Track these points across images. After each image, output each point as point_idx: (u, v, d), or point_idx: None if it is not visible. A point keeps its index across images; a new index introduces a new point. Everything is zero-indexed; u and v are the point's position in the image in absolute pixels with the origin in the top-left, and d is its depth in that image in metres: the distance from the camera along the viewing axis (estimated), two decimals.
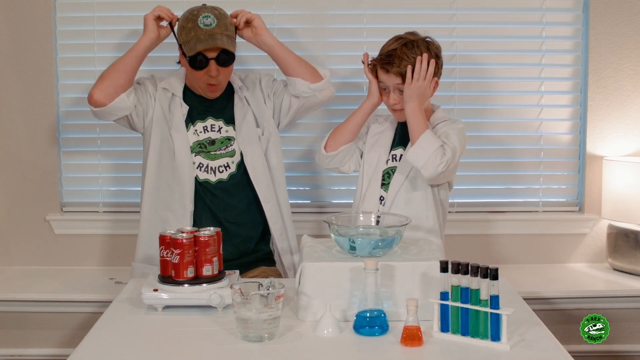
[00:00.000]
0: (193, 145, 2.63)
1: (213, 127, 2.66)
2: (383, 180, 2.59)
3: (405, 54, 2.46)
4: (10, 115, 3.21)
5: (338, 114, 3.21)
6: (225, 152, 2.65)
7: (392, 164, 2.59)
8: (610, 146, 3.22)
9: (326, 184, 3.25)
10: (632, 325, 2.98)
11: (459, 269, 1.86)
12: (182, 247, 2.10)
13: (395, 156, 2.60)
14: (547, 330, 1.97)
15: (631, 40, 3.18)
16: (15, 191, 3.24)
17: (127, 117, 2.63)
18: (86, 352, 1.87)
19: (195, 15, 2.54)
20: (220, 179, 2.63)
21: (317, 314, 1.98)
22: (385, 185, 2.58)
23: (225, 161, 2.64)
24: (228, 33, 2.56)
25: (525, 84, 3.24)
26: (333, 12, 3.22)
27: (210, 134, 2.65)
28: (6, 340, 2.99)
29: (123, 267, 3.22)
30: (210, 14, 2.54)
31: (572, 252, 3.29)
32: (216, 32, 2.52)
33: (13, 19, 3.15)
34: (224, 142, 2.65)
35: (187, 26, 2.54)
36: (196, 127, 2.65)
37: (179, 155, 2.60)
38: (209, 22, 2.53)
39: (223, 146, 2.65)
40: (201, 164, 2.62)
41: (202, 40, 2.51)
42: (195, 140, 2.64)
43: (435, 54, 2.51)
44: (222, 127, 2.66)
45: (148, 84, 2.68)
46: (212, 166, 2.63)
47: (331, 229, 2.10)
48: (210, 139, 2.65)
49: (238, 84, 2.71)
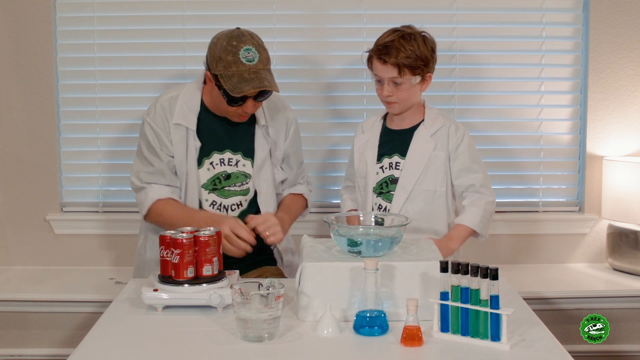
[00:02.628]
0: (207, 182, 2.54)
1: (230, 160, 2.56)
2: (381, 190, 2.59)
3: (403, 45, 2.47)
4: (10, 115, 3.21)
5: (338, 114, 3.21)
6: (239, 189, 2.56)
7: (383, 175, 2.59)
8: (610, 146, 3.22)
9: (326, 184, 3.25)
10: (632, 325, 2.98)
11: (459, 269, 1.86)
12: (182, 247, 2.10)
13: (384, 167, 2.60)
14: (547, 330, 1.97)
15: (631, 40, 3.18)
16: (15, 191, 3.24)
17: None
18: (86, 352, 1.87)
19: (235, 47, 2.36)
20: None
21: (317, 314, 1.98)
22: (384, 194, 2.58)
23: (239, 200, 2.57)
24: (269, 67, 2.42)
25: (525, 84, 3.24)
26: (333, 12, 3.22)
27: (227, 168, 2.55)
28: (6, 340, 2.99)
29: (123, 267, 3.22)
30: (252, 47, 2.37)
31: (572, 252, 3.29)
32: (259, 68, 2.37)
33: (13, 19, 3.15)
34: (239, 178, 2.56)
35: (227, 59, 2.35)
36: (212, 159, 2.54)
37: (190, 192, 2.53)
38: (251, 56, 2.36)
39: (238, 182, 2.56)
40: (214, 201, 2.55)
41: (248, 80, 2.34)
42: (209, 177, 2.54)
43: (431, 49, 2.52)
44: (239, 161, 2.56)
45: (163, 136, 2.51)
46: (225, 204, 2.56)
47: (331, 229, 2.10)
48: (226, 173, 2.55)
49: (262, 122, 2.58)
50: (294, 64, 3.22)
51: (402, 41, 2.48)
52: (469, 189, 2.57)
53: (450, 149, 2.56)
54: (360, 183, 2.65)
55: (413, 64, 2.48)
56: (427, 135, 2.57)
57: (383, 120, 2.68)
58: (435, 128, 2.58)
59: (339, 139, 3.25)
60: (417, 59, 2.48)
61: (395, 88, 2.51)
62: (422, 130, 2.58)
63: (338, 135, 3.25)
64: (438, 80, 3.20)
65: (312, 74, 3.23)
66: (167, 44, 3.21)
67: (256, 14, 3.18)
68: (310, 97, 3.23)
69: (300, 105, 3.15)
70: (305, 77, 3.24)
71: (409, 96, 2.53)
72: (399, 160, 2.58)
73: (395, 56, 2.47)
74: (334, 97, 3.23)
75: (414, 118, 2.61)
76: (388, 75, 2.50)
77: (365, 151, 2.64)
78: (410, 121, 2.61)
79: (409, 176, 2.55)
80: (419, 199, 2.55)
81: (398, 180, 2.56)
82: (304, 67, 3.23)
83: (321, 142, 3.23)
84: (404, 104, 2.55)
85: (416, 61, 2.48)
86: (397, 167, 2.58)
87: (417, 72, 2.50)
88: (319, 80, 3.23)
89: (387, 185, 2.58)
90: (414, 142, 2.58)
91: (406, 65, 2.47)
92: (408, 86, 2.51)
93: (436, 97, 3.19)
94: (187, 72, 3.18)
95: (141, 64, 3.22)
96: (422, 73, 2.51)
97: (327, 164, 3.25)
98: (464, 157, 2.57)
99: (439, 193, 2.57)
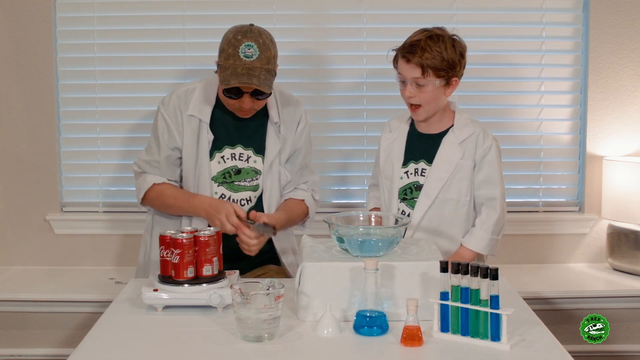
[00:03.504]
0: (217, 175, 2.54)
1: (242, 155, 2.56)
2: (405, 195, 2.55)
3: (429, 45, 2.41)
4: (10, 115, 3.21)
5: (339, 114, 3.22)
6: (249, 185, 2.56)
7: (408, 180, 2.55)
8: (610, 146, 3.22)
9: (327, 184, 3.25)
10: (632, 325, 2.98)
11: (459, 269, 1.86)
12: (182, 247, 2.10)
13: (409, 172, 2.55)
14: (547, 330, 1.97)
15: (631, 40, 3.18)
16: (15, 191, 3.24)
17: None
18: (86, 352, 1.87)
19: (238, 41, 2.36)
20: None
21: (317, 314, 1.97)
22: (408, 200, 2.54)
23: (248, 195, 2.57)
24: (269, 67, 2.39)
25: (525, 84, 3.24)
26: (333, 12, 3.22)
27: (237, 163, 2.55)
28: (6, 340, 2.99)
29: (123, 267, 3.22)
30: (254, 44, 2.36)
31: (572, 252, 3.29)
32: (256, 66, 2.35)
33: (13, 19, 3.15)
34: (249, 174, 2.56)
35: (228, 51, 2.37)
36: (223, 153, 2.54)
37: (202, 185, 2.53)
38: (251, 53, 2.35)
39: (249, 177, 2.56)
40: (223, 195, 2.55)
41: (238, 74, 2.34)
42: (220, 171, 2.54)
43: (459, 53, 2.47)
44: (250, 157, 2.56)
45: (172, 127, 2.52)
46: (234, 198, 2.55)
47: (331, 229, 2.10)
48: (237, 168, 2.55)
49: (274, 119, 2.56)
50: (294, 64, 3.21)
51: (429, 41, 2.42)
52: (488, 203, 2.52)
53: (477, 158, 2.51)
54: (384, 184, 2.60)
55: (438, 66, 2.42)
56: (456, 142, 2.51)
57: (411, 121, 2.61)
58: (464, 136, 2.52)
59: (338, 139, 3.25)
60: (442, 60, 2.42)
61: (418, 90, 2.45)
62: (451, 137, 2.52)
63: (338, 135, 3.25)
64: None
65: (312, 74, 3.23)
66: (167, 44, 3.21)
67: (256, 14, 3.18)
68: (310, 97, 3.22)
69: None
70: (305, 77, 3.24)
71: (431, 99, 2.46)
72: (425, 167, 2.53)
73: (420, 56, 2.41)
74: (334, 97, 3.23)
75: (442, 123, 2.55)
76: (411, 75, 2.45)
77: (392, 152, 2.59)
78: (439, 126, 2.55)
79: (433, 184, 2.50)
80: (442, 207, 2.50)
81: (422, 188, 2.52)
82: (304, 67, 3.23)
83: (321, 142, 3.23)
84: (428, 107, 2.48)
85: (441, 63, 2.42)
86: (422, 173, 2.53)
87: (442, 74, 2.43)
88: (319, 80, 3.23)
89: (411, 192, 2.54)
90: (441, 149, 2.52)
91: (430, 66, 2.41)
92: (431, 88, 2.44)
93: None
94: (187, 72, 3.18)
95: (141, 64, 3.22)
96: (446, 76, 2.44)
97: (327, 164, 3.25)
98: (490, 169, 2.51)
99: (463, 202, 2.51)
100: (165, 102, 2.57)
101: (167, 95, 2.59)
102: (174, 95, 2.56)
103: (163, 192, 2.54)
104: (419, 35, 2.45)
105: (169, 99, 2.56)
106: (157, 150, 2.55)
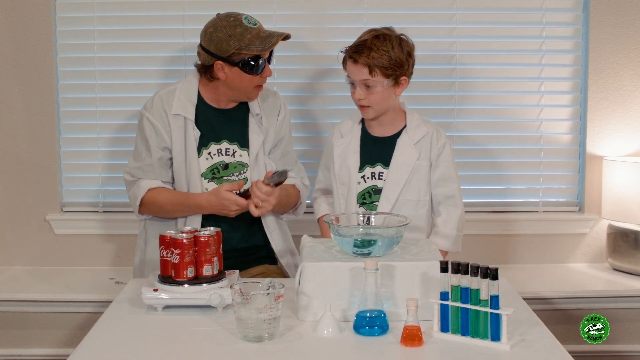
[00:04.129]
0: (206, 171, 2.58)
1: (228, 150, 2.60)
2: (364, 200, 2.55)
3: (376, 45, 2.42)
4: (10, 115, 3.21)
5: (337, 114, 3.21)
6: (237, 178, 2.59)
7: (365, 185, 2.56)
8: (610, 146, 3.22)
9: None
10: (632, 325, 2.98)
11: (459, 269, 1.86)
12: (182, 247, 2.10)
13: (365, 176, 2.56)
14: (547, 330, 1.97)
15: (631, 40, 3.18)
16: (15, 191, 3.24)
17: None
18: (86, 352, 1.87)
19: (236, 19, 2.49)
20: None
21: (317, 314, 1.98)
22: (367, 204, 2.55)
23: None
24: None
25: (525, 84, 3.24)
26: (333, 12, 3.22)
27: (224, 158, 2.59)
28: (6, 340, 2.99)
29: (123, 267, 3.22)
30: (247, 15, 2.52)
31: (572, 252, 3.29)
32: (262, 28, 2.52)
33: (13, 19, 3.15)
34: (237, 168, 2.60)
35: (237, 32, 2.46)
36: (210, 149, 2.58)
37: (192, 183, 2.56)
38: (253, 21, 2.51)
39: (236, 171, 2.60)
40: None
41: (265, 36, 2.49)
42: (208, 166, 2.58)
43: (407, 52, 2.47)
44: (236, 151, 2.60)
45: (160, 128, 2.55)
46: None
47: (331, 229, 2.10)
48: (224, 163, 2.59)
49: (256, 111, 2.63)
50: (294, 63, 3.22)
51: (376, 41, 2.43)
52: (447, 201, 2.55)
53: (432, 157, 2.54)
54: (340, 190, 2.59)
55: (385, 64, 2.42)
56: (410, 144, 2.53)
57: (362, 125, 2.62)
58: (418, 137, 2.54)
59: None
60: (389, 59, 2.42)
61: (367, 91, 2.46)
62: (405, 139, 2.54)
63: None
64: (438, 80, 3.22)
65: (312, 74, 3.23)
66: (167, 44, 3.21)
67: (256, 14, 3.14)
68: (311, 97, 3.23)
69: (299, 105, 3.15)
70: (305, 77, 3.24)
71: (381, 99, 2.47)
72: (382, 170, 2.54)
73: (366, 55, 2.41)
74: (334, 97, 3.23)
75: (394, 124, 2.57)
76: (359, 77, 2.45)
77: (347, 158, 2.58)
78: (392, 128, 2.56)
79: (393, 187, 2.51)
80: (403, 209, 2.49)
81: (382, 191, 2.53)
82: (304, 67, 3.23)
83: (321, 141, 3.23)
84: (377, 108, 2.50)
85: (388, 62, 2.42)
86: (380, 177, 2.54)
87: (389, 73, 2.43)
88: (319, 80, 3.22)
89: (370, 196, 2.55)
90: (397, 151, 2.53)
91: (377, 65, 2.42)
92: (380, 89, 2.45)
93: (436, 97, 3.19)
94: (188, 72, 3.16)
95: (141, 64, 3.22)
96: (394, 75, 2.45)
97: None
98: (445, 167, 2.54)
99: (422, 202, 2.54)
100: (147, 106, 2.59)
101: (148, 100, 2.62)
102: (156, 97, 2.60)
103: (157, 197, 2.56)
104: (366, 36, 2.47)
105: (151, 102, 2.59)
106: (147, 154, 2.57)
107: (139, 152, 2.60)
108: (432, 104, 3.20)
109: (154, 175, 2.57)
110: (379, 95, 2.47)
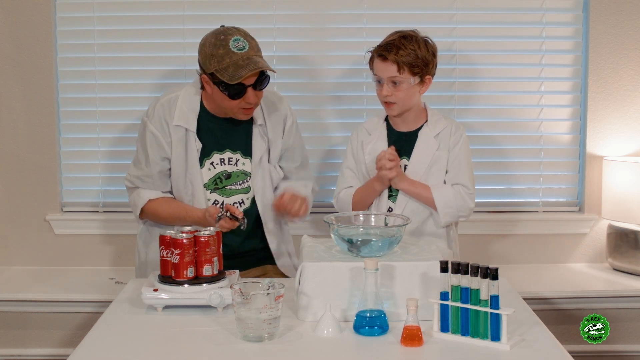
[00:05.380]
0: (208, 182, 2.56)
1: (230, 160, 2.57)
2: (391, 192, 2.61)
3: (404, 44, 2.52)
4: (10, 115, 3.21)
5: (338, 114, 3.22)
6: (240, 187, 2.58)
7: None
8: (610, 146, 3.22)
9: (326, 184, 3.25)
10: (632, 325, 2.98)
11: (459, 269, 1.86)
12: (182, 247, 2.10)
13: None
14: (547, 330, 1.97)
15: (631, 40, 3.18)
16: (15, 191, 3.24)
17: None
18: (86, 352, 1.87)
19: (224, 40, 2.38)
20: None
21: (317, 314, 1.98)
22: (393, 197, 2.60)
23: (240, 197, 2.58)
24: (259, 53, 2.43)
25: (525, 84, 3.24)
26: (333, 12, 3.22)
27: (227, 167, 2.57)
28: (6, 340, 2.99)
29: (123, 267, 3.22)
30: (240, 37, 2.39)
31: (572, 252, 3.29)
32: (251, 55, 2.38)
33: (13, 19, 3.15)
34: (240, 177, 2.58)
35: (219, 53, 2.37)
36: (212, 159, 2.55)
37: (195, 194, 2.54)
38: (241, 45, 2.38)
39: (239, 180, 2.58)
40: (216, 201, 2.56)
41: (243, 66, 2.35)
42: (211, 177, 2.56)
43: (432, 52, 2.57)
44: (239, 160, 2.58)
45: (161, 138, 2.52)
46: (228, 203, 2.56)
47: (331, 229, 2.10)
48: (227, 172, 2.57)
49: (259, 121, 2.58)
50: (294, 64, 3.21)
51: (403, 40, 2.53)
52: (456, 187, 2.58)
53: (450, 146, 2.60)
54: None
55: (412, 62, 2.51)
56: (431, 136, 2.60)
57: (386, 122, 2.68)
58: (438, 129, 2.62)
59: (339, 139, 3.25)
60: (416, 58, 2.51)
61: (394, 88, 2.54)
62: (426, 131, 2.61)
63: (338, 136, 3.25)
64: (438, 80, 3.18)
65: (312, 74, 3.23)
66: (167, 44, 3.21)
67: (256, 14, 3.19)
68: (310, 97, 3.22)
69: (300, 105, 3.14)
70: (305, 77, 3.23)
71: (407, 97, 2.55)
72: (406, 162, 2.61)
73: (395, 53, 2.51)
74: (334, 97, 3.23)
75: (417, 121, 2.64)
76: (387, 74, 2.53)
77: (376, 153, 2.62)
78: (414, 124, 2.64)
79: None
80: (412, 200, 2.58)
81: None
82: (304, 67, 3.23)
83: (321, 142, 3.23)
84: (402, 104, 2.57)
85: (416, 60, 2.51)
86: (404, 169, 2.60)
87: (416, 71, 2.53)
88: (319, 80, 3.22)
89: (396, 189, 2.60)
90: (418, 142, 2.61)
91: (405, 63, 2.51)
92: (407, 86, 2.53)
93: (436, 97, 3.19)
94: (187, 72, 3.17)
95: (141, 64, 3.22)
96: (421, 74, 2.54)
97: (327, 164, 3.25)
98: (457, 155, 2.60)
99: None
100: (149, 114, 2.56)
101: (150, 106, 2.58)
102: (158, 105, 2.55)
103: (157, 210, 2.56)
104: (394, 36, 2.57)
105: (152, 110, 2.55)
106: (146, 164, 2.55)
107: (139, 159, 2.58)
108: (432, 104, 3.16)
109: (154, 186, 2.57)
110: (405, 93, 2.55)
